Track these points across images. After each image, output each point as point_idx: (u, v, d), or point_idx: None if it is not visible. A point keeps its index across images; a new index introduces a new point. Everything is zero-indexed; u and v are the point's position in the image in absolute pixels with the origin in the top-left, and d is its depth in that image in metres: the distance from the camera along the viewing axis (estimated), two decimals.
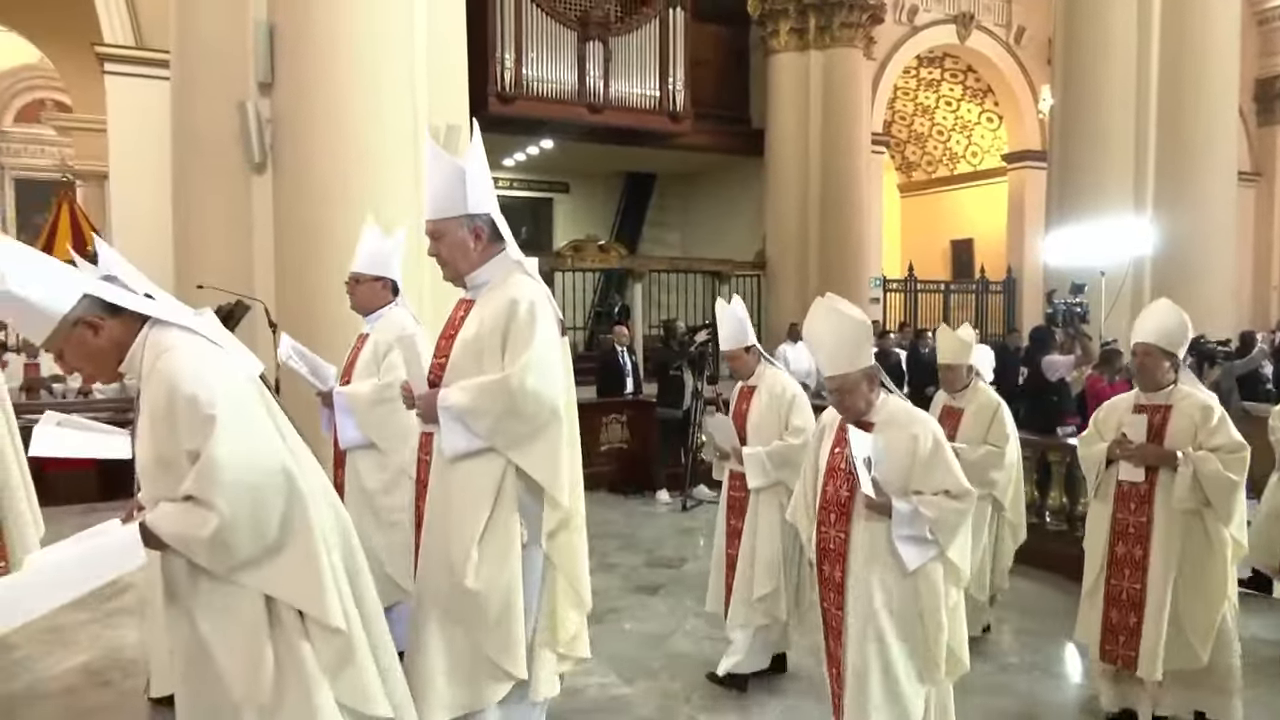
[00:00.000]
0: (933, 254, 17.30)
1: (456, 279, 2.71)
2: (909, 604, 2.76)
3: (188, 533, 1.82)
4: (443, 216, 2.63)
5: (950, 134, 17.26)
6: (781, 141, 13.00)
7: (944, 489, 2.77)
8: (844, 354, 2.87)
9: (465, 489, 2.55)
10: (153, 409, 1.87)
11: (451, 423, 2.53)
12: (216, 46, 6.08)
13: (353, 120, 5.54)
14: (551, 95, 11.90)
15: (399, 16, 5.70)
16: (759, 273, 13.33)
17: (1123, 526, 3.38)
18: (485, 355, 2.56)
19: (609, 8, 12.42)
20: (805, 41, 12.76)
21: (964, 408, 4.28)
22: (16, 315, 1.92)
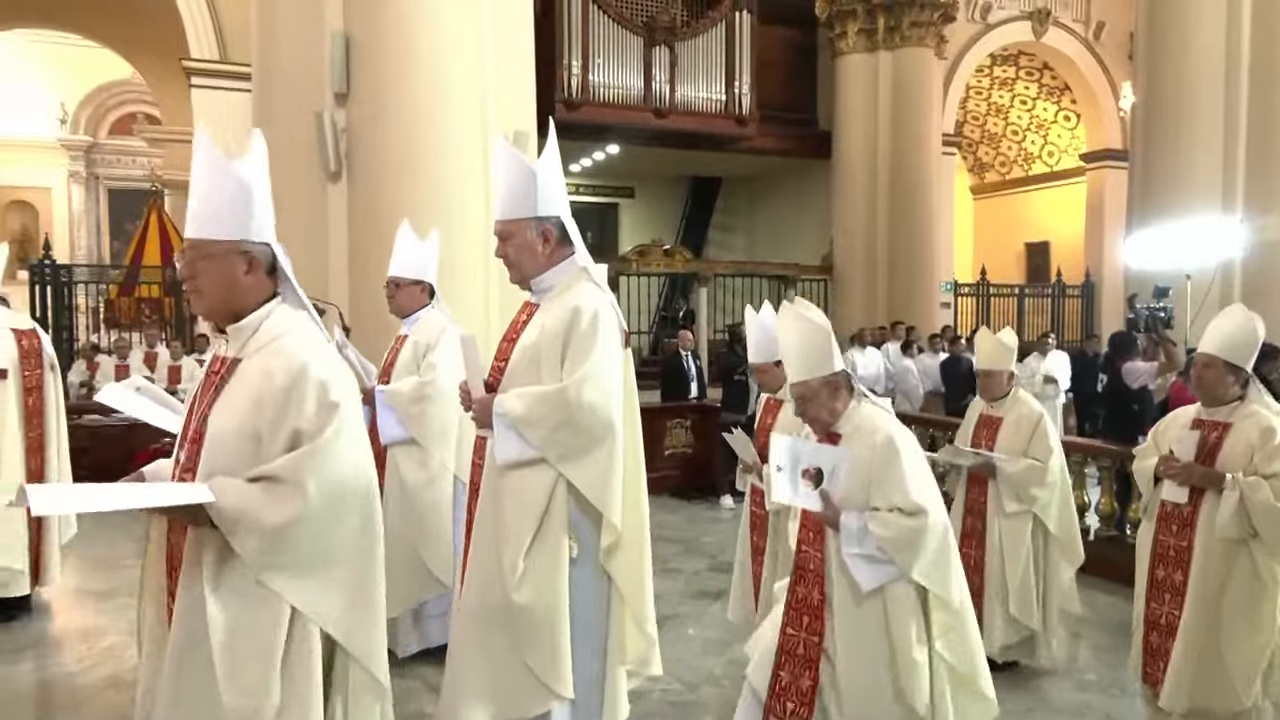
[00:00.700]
0: (1006, 257, 16.85)
1: (522, 282, 2.67)
2: (875, 629, 2.58)
3: (256, 513, 1.73)
4: (512, 217, 2.60)
5: (1025, 134, 16.80)
6: (849, 144, 12.83)
7: (896, 505, 2.58)
8: (805, 361, 2.74)
9: (516, 498, 2.51)
10: (260, 382, 1.81)
11: (505, 430, 2.49)
12: (294, 59, 6.29)
13: (424, 129, 5.67)
14: (617, 100, 11.97)
15: (469, 27, 5.81)
16: (825, 277, 13.18)
17: (1164, 549, 3.16)
18: (544, 363, 2.53)
19: (675, 13, 12.44)
20: (874, 42, 12.57)
21: (1003, 416, 4.06)
22: (224, 199, 1.90)
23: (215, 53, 9.49)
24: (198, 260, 1.90)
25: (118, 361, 9.54)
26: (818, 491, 2.61)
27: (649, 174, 16.03)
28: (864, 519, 2.57)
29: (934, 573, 2.58)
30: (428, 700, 3.49)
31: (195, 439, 1.87)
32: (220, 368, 1.92)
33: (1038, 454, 3.92)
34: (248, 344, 1.89)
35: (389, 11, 5.70)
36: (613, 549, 2.55)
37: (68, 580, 5.08)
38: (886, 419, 2.73)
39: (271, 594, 1.77)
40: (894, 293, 12.61)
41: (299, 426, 1.78)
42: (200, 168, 1.92)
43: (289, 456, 1.76)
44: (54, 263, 10.64)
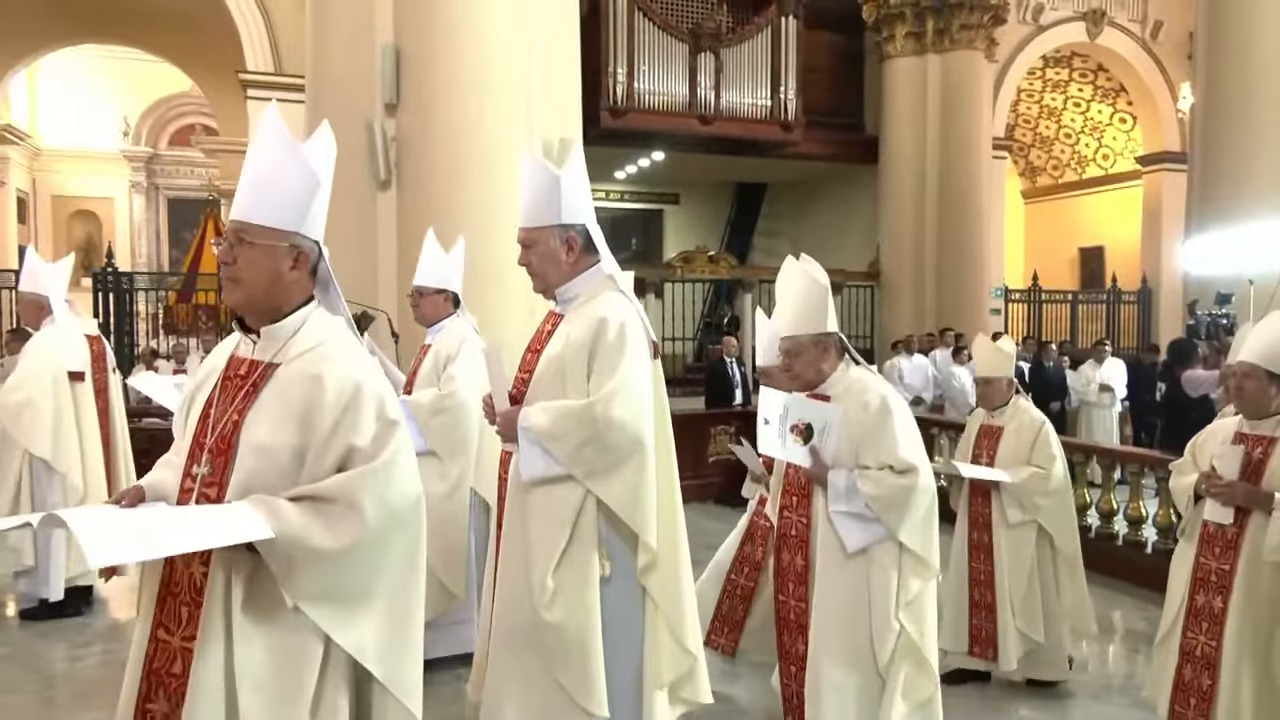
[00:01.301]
0: (1059, 262, 16.50)
1: (546, 291, 2.60)
2: (855, 591, 2.55)
3: (314, 539, 1.56)
4: (535, 225, 2.53)
5: (1079, 136, 16.45)
6: (897, 148, 12.69)
7: (887, 464, 2.54)
8: (798, 315, 2.69)
9: (542, 515, 2.43)
10: (309, 391, 1.65)
11: (530, 445, 2.41)
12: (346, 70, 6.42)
13: (472, 138, 5.74)
14: (662, 107, 12.00)
15: (517, 37, 5.88)
16: (872, 283, 13.04)
17: (1204, 573, 2.93)
18: (569, 375, 2.44)
19: (720, 19, 12.44)
20: (922, 45, 12.43)
21: (1003, 425, 3.93)
22: (287, 185, 1.75)
23: (270, 65, 9.73)
24: (243, 246, 1.72)
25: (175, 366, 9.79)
26: (807, 447, 2.58)
27: (694, 180, 16.03)
28: (852, 476, 2.56)
29: (919, 534, 2.56)
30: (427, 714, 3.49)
31: (222, 450, 1.67)
32: (250, 371, 1.73)
33: (1040, 461, 3.81)
34: (286, 348, 1.72)
35: (438, 23, 5.79)
36: (649, 567, 2.47)
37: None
38: (878, 381, 2.71)
39: (306, 626, 1.60)
40: (942, 299, 12.43)
41: (354, 444, 1.62)
42: (264, 147, 1.76)
43: (344, 476, 1.61)
44: (116, 270, 10.99)
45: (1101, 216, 16.35)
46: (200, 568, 1.63)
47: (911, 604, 2.57)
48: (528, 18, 5.96)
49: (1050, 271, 15.25)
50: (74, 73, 15.67)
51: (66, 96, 16.23)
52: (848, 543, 2.54)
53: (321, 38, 6.66)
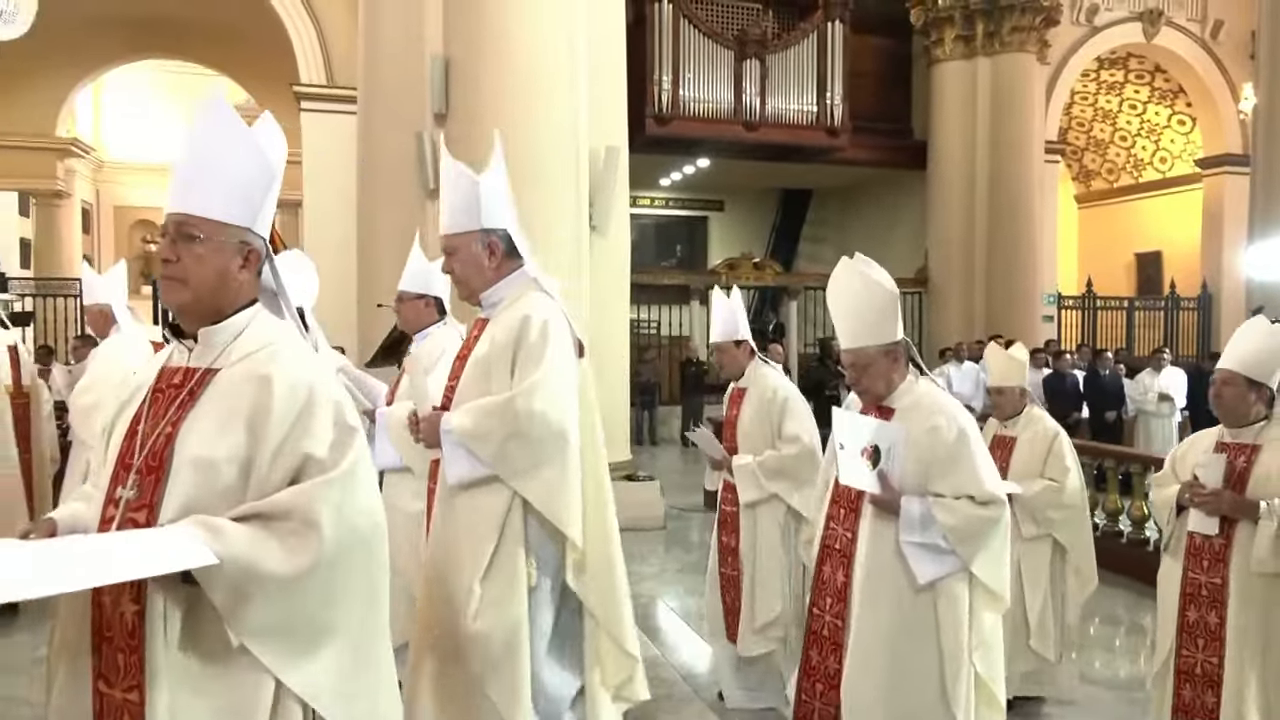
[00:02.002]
0: (1114, 268, 16.11)
1: (470, 297, 2.54)
2: (923, 624, 2.39)
3: (264, 564, 1.35)
4: (457, 231, 2.47)
5: (1135, 139, 16.06)
6: (946, 153, 12.52)
7: (967, 493, 2.39)
8: (864, 326, 2.54)
9: (469, 520, 2.36)
10: (255, 395, 1.45)
11: (454, 447, 2.34)
12: (396, 81, 6.54)
13: (519, 147, 5.79)
14: (707, 114, 12.00)
15: (563, 47, 5.93)
16: (920, 290, 12.87)
17: (1194, 588, 2.80)
18: (494, 376, 2.38)
19: (766, 25, 12.41)
20: (972, 48, 12.25)
21: (1016, 436, 3.76)
22: (241, 179, 1.56)
23: (323, 77, 9.94)
24: (189, 243, 1.51)
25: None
26: (875, 472, 2.43)
27: (739, 187, 15.99)
28: (927, 504, 2.40)
29: (994, 567, 2.43)
30: None
31: (152, 467, 1.45)
32: (186, 379, 1.51)
33: (1054, 473, 3.65)
34: (227, 352, 1.52)
35: (486, 35, 5.87)
36: (578, 567, 2.38)
37: None
38: (950, 401, 2.56)
39: (253, 666, 1.39)
40: (992, 306, 12.21)
41: (310, 452, 1.43)
42: (214, 133, 1.55)
43: (299, 488, 1.41)
44: None
45: (1159, 221, 15.93)
46: (131, 606, 1.39)
47: (985, 640, 2.46)
48: (574, 28, 6.02)
49: (1105, 277, 14.90)
50: (136, 87, 16.18)
51: (129, 110, 16.77)
52: (919, 575, 2.39)
53: (373, 50, 6.80)
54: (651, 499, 6.66)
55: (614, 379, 6.73)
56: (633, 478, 6.81)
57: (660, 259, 16.10)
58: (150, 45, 12.80)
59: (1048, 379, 9.61)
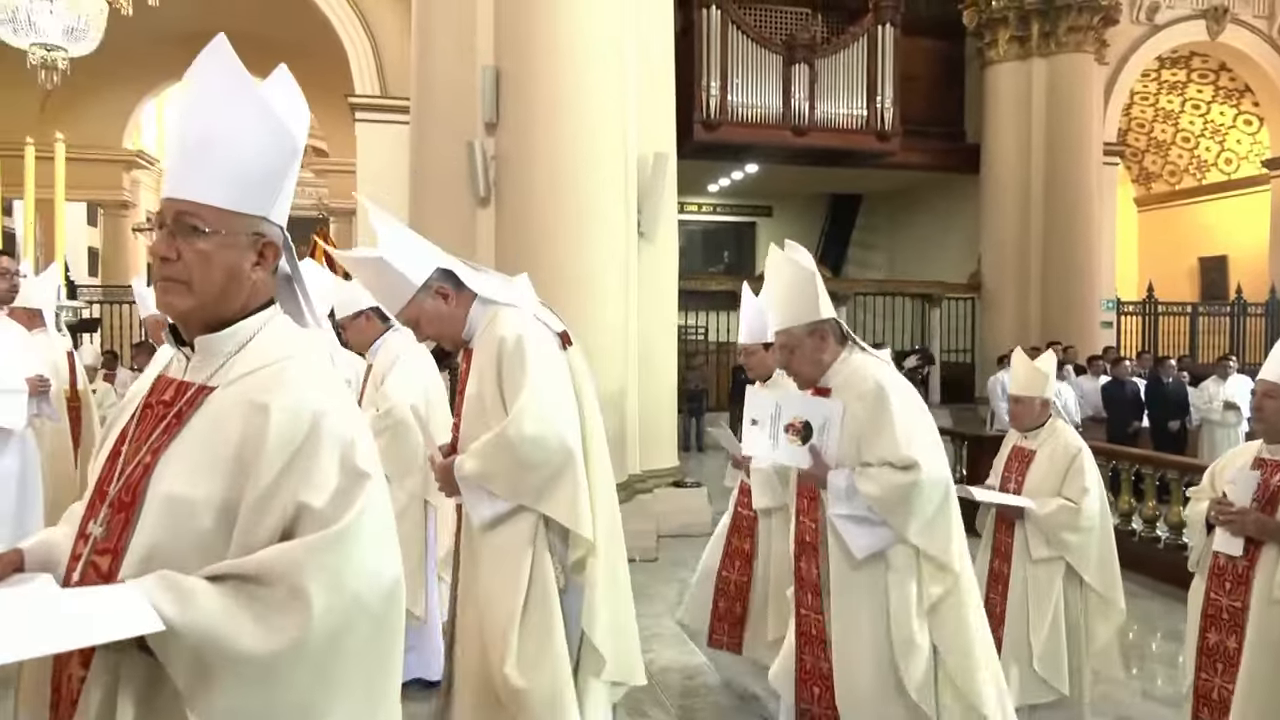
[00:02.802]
0: (1176, 273, 15.65)
1: (456, 344, 2.56)
2: (874, 602, 2.33)
3: (233, 639, 1.09)
4: (402, 304, 2.46)
5: (1198, 140, 15.59)
6: (1000, 156, 12.29)
7: (885, 460, 2.32)
8: (787, 307, 2.51)
9: (496, 563, 2.36)
10: (246, 426, 1.20)
11: (472, 490, 2.37)
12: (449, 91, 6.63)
13: (568, 155, 5.85)
14: (756, 120, 11.96)
15: (612, 55, 5.97)
16: (973, 295, 12.64)
17: (1215, 609, 2.68)
18: (489, 409, 2.38)
19: (815, 30, 12.33)
20: (1027, 49, 12.02)
21: (1036, 449, 3.54)
22: (258, 157, 1.30)
23: (377, 88, 10.14)
24: (192, 236, 1.25)
25: None
26: (805, 447, 2.39)
27: (787, 192, 15.90)
28: (852, 476, 2.36)
29: (932, 534, 2.34)
30: None
31: (125, 503, 1.21)
32: (176, 396, 1.27)
33: (1071, 493, 3.40)
34: (228, 366, 1.27)
35: (537, 44, 5.93)
36: (583, 561, 2.42)
37: None
38: (877, 366, 2.49)
39: None
40: (1048, 312, 11.94)
41: (306, 501, 1.16)
42: (223, 100, 1.26)
43: (286, 547, 1.14)
44: None
45: (1224, 224, 15.43)
46: (79, 670, 1.18)
47: (936, 614, 2.35)
48: (623, 37, 6.05)
49: (1167, 282, 14.47)
50: None
51: None
52: (854, 548, 2.35)
53: (425, 61, 6.91)
54: (699, 505, 6.65)
55: (661, 385, 6.73)
56: (680, 484, 6.81)
57: (708, 265, 16.07)
58: None
59: (1106, 387, 9.37)
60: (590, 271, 5.77)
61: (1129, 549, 6.09)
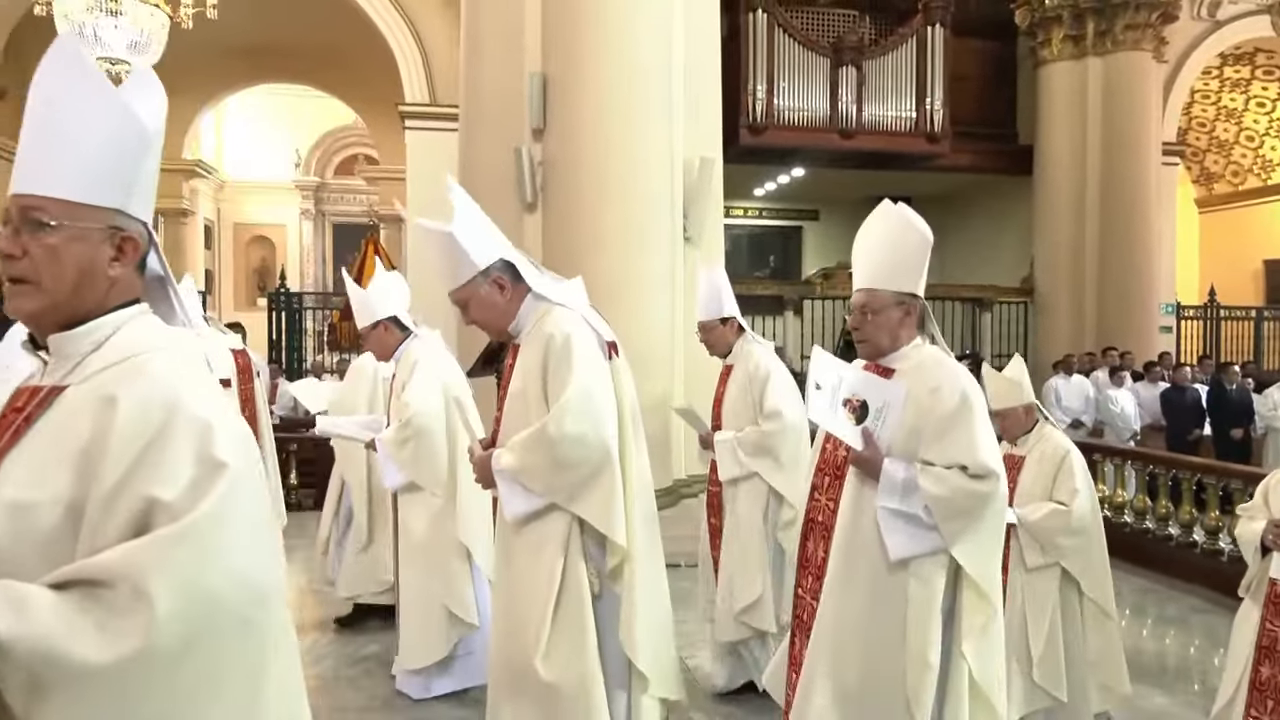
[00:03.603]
0: (1240, 276, 15.15)
1: (500, 335, 2.57)
2: (890, 609, 2.11)
3: (68, 644, 0.98)
4: (460, 284, 2.49)
5: (1262, 139, 15.09)
6: (1053, 157, 12.04)
7: (959, 463, 2.12)
8: (885, 267, 2.33)
9: (530, 559, 2.37)
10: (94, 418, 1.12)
11: (508, 484, 2.38)
12: (496, 98, 6.71)
13: (615, 160, 5.88)
14: (802, 123, 11.88)
15: (659, 62, 5.98)
16: (1026, 299, 12.39)
17: (1270, 640, 2.52)
18: (531, 405, 2.40)
19: (863, 31, 12.21)
20: (1082, 48, 11.75)
21: (1025, 455, 3.48)
22: (107, 145, 1.21)
23: (426, 96, 10.30)
24: (39, 232, 1.18)
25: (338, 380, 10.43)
26: (859, 428, 2.20)
27: (834, 196, 15.76)
28: (913, 470, 2.14)
29: (980, 555, 2.14)
30: None
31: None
32: (26, 402, 1.18)
33: (1062, 496, 3.35)
34: (84, 364, 1.19)
35: (584, 50, 5.97)
36: (619, 568, 2.38)
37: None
38: (960, 370, 2.30)
39: None
40: (1104, 316, 11.65)
41: (155, 495, 1.06)
42: (62, 85, 1.20)
43: (130, 546, 1.03)
44: (288, 291, 11.90)
45: None
46: None
47: (978, 638, 2.16)
48: (670, 42, 6.06)
49: (1230, 286, 14.02)
50: (253, 110, 17.11)
51: (247, 132, 17.74)
52: (891, 548, 2.12)
53: (475, 68, 7.00)
54: None
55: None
56: None
57: (754, 269, 15.99)
58: (267, 70, 13.52)
59: (1166, 393, 9.12)
60: (636, 276, 5.79)
61: (1191, 562, 5.93)
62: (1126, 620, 5.13)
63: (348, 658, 4.35)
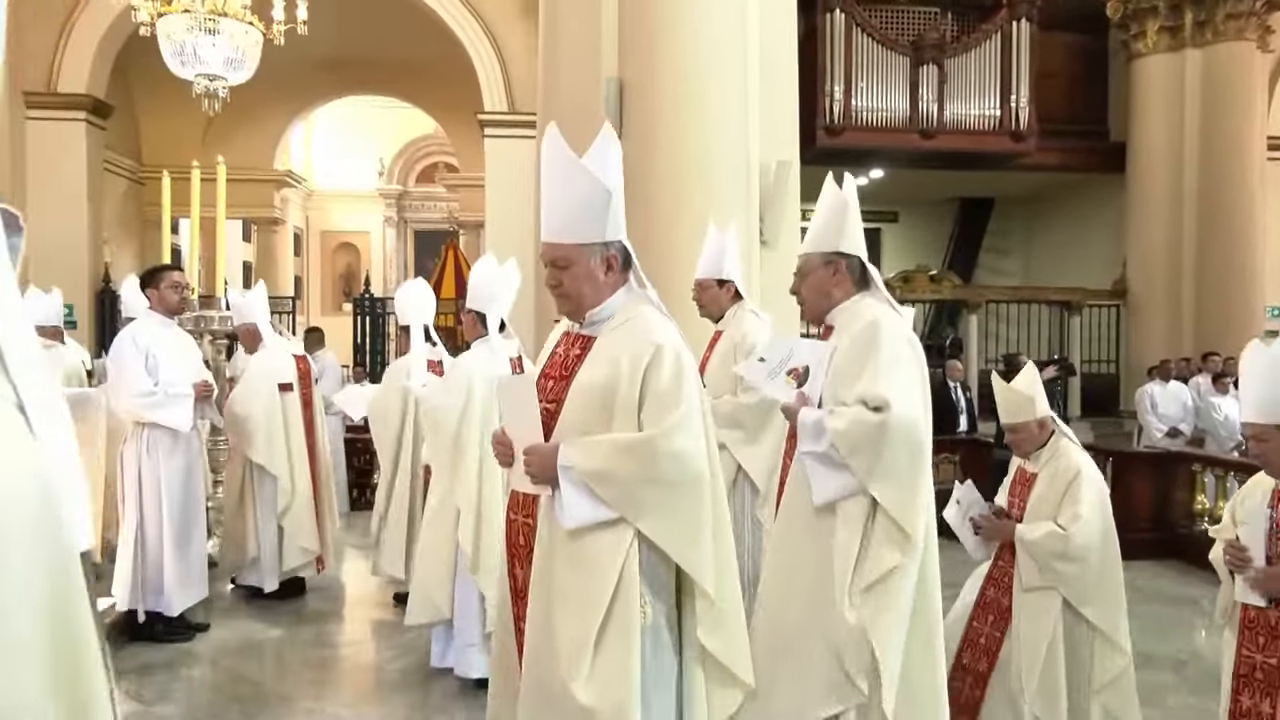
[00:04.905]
0: None
1: (577, 314, 2.23)
2: (818, 556, 2.14)
3: None
4: (574, 242, 2.16)
5: None
6: (1148, 154, 11.55)
7: (861, 398, 2.15)
8: (813, 234, 2.42)
9: (580, 572, 2.07)
10: None
11: (574, 487, 2.04)
12: (573, 104, 6.78)
13: (690, 164, 5.88)
14: (881, 124, 11.69)
15: (735, 63, 5.96)
16: (1118, 302, 11.91)
17: (1247, 668, 2.36)
18: (619, 407, 2.09)
19: (944, 29, 11.94)
20: (1179, 40, 11.26)
21: (1038, 472, 3.26)
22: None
23: (505, 105, 10.49)
24: None
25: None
26: (795, 388, 2.31)
27: (913, 197, 15.45)
28: (822, 413, 2.22)
29: (896, 490, 2.15)
30: None
31: None
32: None
33: (1064, 519, 3.11)
34: None
35: (660, 54, 5.99)
36: (710, 618, 2.11)
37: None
38: (882, 309, 2.34)
39: None
40: (1203, 320, 11.11)
41: None
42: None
43: None
44: (372, 296, 12.26)
45: None
46: None
47: (881, 587, 2.16)
48: (746, 45, 6.03)
49: None
50: (340, 122, 17.69)
51: (333, 143, 18.37)
52: (815, 493, 2.20)
53: (552, 75, 7.10)
54: None
55: None
56: None
57: None
58: (352, 83, 13.98)
59: None
60: None
61: None
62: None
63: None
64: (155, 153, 13.24)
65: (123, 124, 12.43)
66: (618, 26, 6.33)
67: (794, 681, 2.31)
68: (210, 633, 4.68)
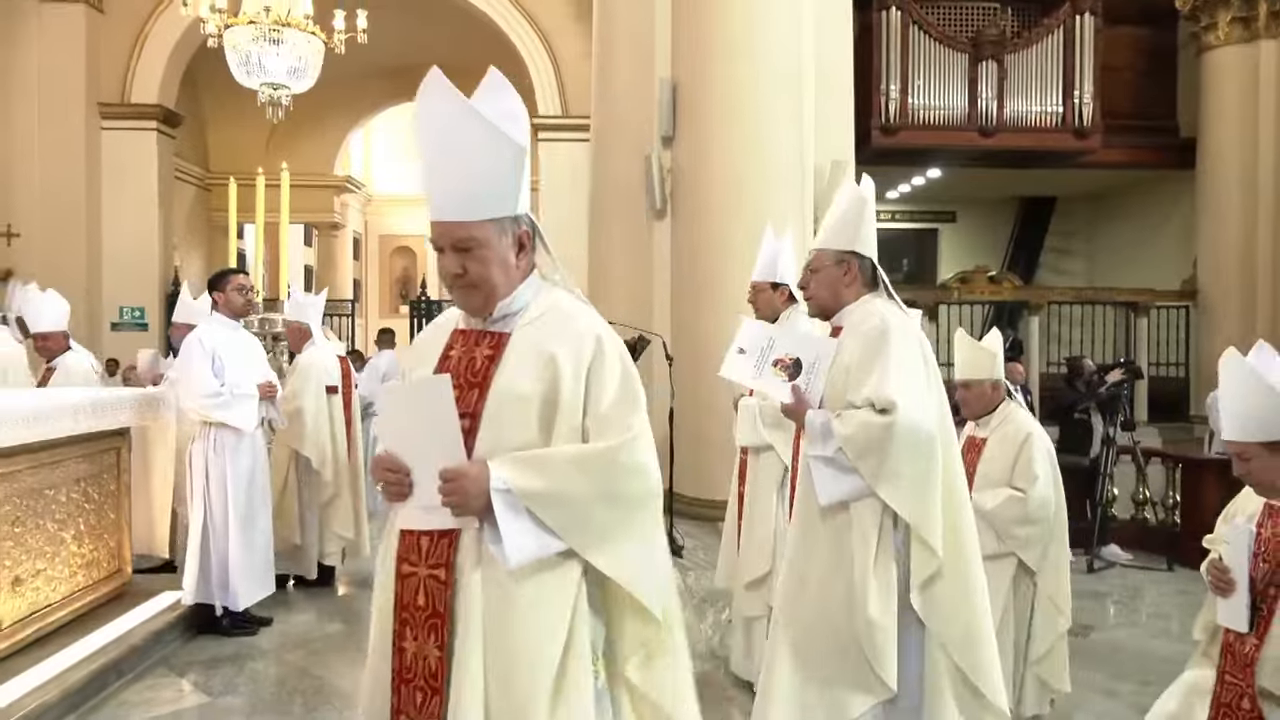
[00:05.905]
0: None
1: (484, 309, 1.78)
2: (827, 559, 2.15)
3: None
4: (482, 218, 1.73)
5: None
6: (1220, 150, 11.15)
7: (869, 400, 2.14)
8: (827, 230, 2.46)
9: (525, 628, 1.65)
10: None
11: (511, 512, 1.60)
12: (627, 106, 6.82)
13: (744, 166, 5.86)
14: (938, 123, 11.48)
15: (789, 65, 5.93)
16: (1187, 303, 11.51)
17: (1231, 695, 2.20)
18: (562, 418, 1.70)
19: (1004, 24, 11.70)
20: (1253, 30, 10.84)
21: (987, 437, 3.28)
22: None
23: (558, 109, 10.59)
24: None
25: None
26: (790, 384, 2.29)
27: (972, 197, 15.16)
28: (830, 415, 2.22)
29: (909, 497, 2.11)
30: None
31: None
32: None
33: (1021, 481, 3.16)
34: None
35: (714, 56, 5.99)
36: (652, 658, 1.76)
37: None
38: (893, 310, 2.34)
39: None
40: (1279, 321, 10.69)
41: None
42: None
43: None
44: (428, 298, 12.49)
45: None
46: None
47: (926, 590, 2.14)
48: (800, 45, 6.00)
49: None
50: (397, 127, 18.04)
51: (391, 148, 18.73)
52: (820, 494, 2.19)
53: (604, 80, 7.14)
54: None
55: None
56: None
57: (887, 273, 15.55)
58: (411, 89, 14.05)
59: None
60: None
61: None
62: None
63: None
64: (221, 160, 13.67)
65: (191, 132, 12.85)
66: (671, 29, 6.34)
67: (823, 684, 2.28)
68: (273, 627, 4.80)
